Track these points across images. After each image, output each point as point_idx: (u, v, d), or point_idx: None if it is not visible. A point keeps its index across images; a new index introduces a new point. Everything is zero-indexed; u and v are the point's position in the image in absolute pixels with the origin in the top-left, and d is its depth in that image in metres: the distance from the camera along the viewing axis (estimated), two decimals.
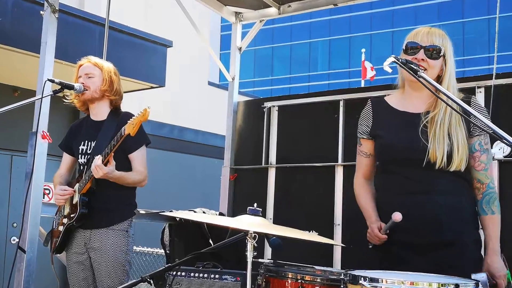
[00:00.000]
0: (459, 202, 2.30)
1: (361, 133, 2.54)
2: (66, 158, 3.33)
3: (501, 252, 2.31)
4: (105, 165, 2.89)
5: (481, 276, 2.04)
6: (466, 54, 33.51)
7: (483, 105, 2.40)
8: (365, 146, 2.52)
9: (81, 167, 3.17)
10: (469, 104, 2.30)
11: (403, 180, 2.33)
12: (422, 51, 2.30)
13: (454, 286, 1.81)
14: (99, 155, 2.91)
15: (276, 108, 4.78)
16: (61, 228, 3.14)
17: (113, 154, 2.91)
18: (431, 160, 2.25)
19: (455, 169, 2.25)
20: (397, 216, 2.18)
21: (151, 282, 2.45)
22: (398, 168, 2.36)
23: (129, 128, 2.83)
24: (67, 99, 3.26)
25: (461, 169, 2.27)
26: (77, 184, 3.10)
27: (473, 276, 2.02)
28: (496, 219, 2.30)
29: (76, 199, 3.07)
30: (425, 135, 2.28)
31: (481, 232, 2.37)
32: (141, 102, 2.90)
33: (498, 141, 2.79)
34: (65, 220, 3.12)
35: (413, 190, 2.30)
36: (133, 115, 2.86)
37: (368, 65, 16.56)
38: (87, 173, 3.02)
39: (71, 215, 3.07)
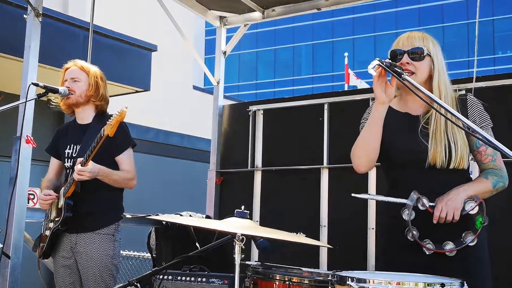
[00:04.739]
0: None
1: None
2: (54, 163, 3.30)
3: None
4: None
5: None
6: (446, 58, 33.46)
7: (480, 101, 2.40)
8: None
9: (67, 171, 3.16)
10: (465, 102, 2.35)
11: (407, 182, 2.33)
12: (406, 55, 2.34)
13: (440, 285, 1.83)
14: (81, 158, 2.91)
15: (261, 111, 4.80)
16: (47, 232, 3.12)
17: (97, 156, 2.89)
18: (432, 161, 2.27)
19: (456, 167, 2.26)
20: None
21: (138, 286, 2.45)
22: (401, 170, 2.37)
23: (107, 129, 2.82)
24: (54, 103, 3.24)
25: (463, 167, 2.28)
26: (63, 188, 3.09)
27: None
28: (484, 180, 2.29)
29: (61, 203, 3.05)
30: (424, 136, 2.31)
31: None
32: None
33: None
34: (51, 225, 3.11)
35: (418, 191, 2.28)
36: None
37: (352, 72, 16.58)
38: (71, 177, 3.00)
39: (56, 219, 3.06)
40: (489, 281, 2.30)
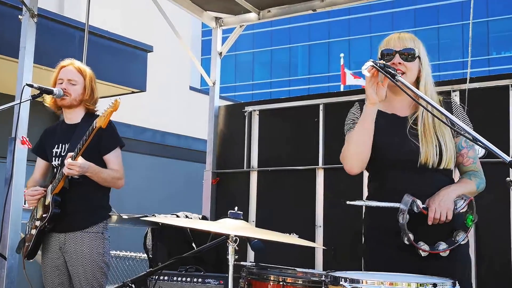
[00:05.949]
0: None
1: (349, 130, 2.45)
2: (40, 163, 3.29)
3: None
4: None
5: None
6: (441, 59, 34.01)
7: (462, 104, 2.46)
8: None
9: (55, 170, 3.14)
10: (450, 105, 2.40)
11: (395, 182, 2.34)
12: (397, 55, 2.36)
13: (432, 285, 1.85)
14: (71, 153, 2.90)
15: (257, 112, 4.81)
16: (33, 231, 3.08)
17: (85, 155, 2.90)
18: (424, 161, 2.29)
19: (445, 167, 2.30)
20: None
21: (133, 287, 2.45)
22: (390, 170, 2.37)
23: (100, 121, 2.81)
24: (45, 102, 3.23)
25: (451, 167, 2.34)
26: (50, 185, 3.07)
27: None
28: (469, 182, 2.35)
29: (48, 199, 3.03)
30: (414, 136, 2.33)
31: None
32: (122, 107, 2.90)
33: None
34: (38, 223, 3.07)
35: (405, 191, 2.28)
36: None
37: (348, 72, 16.65)
38: (60, 173, 2.99)
39: (44, 215, 3.03)
40: (470, 280, 2.39)
